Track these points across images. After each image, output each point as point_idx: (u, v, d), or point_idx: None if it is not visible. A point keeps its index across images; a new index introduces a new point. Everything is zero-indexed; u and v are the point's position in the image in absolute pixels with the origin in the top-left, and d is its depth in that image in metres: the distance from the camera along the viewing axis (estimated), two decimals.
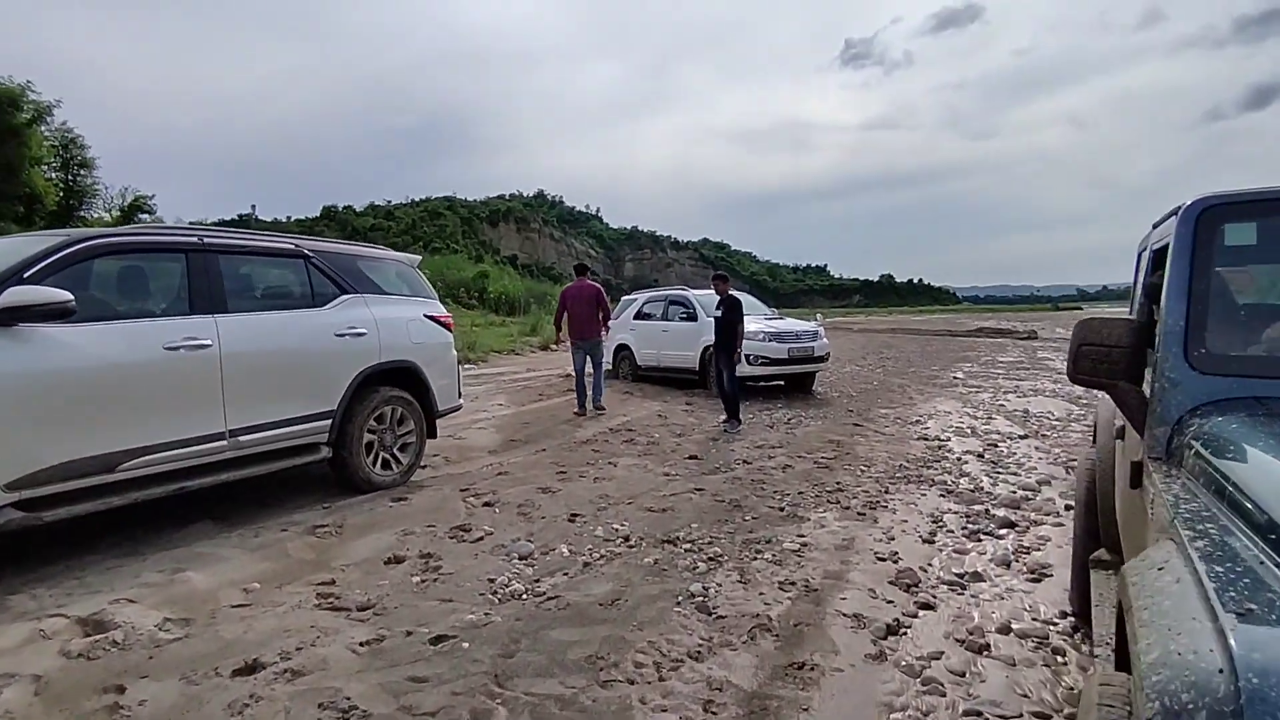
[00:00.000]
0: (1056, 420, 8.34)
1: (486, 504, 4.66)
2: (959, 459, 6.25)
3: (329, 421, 4.56)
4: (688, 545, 3.92)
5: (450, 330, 5.70)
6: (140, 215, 31.60)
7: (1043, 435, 7.41)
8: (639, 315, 12.13)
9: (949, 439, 7.18)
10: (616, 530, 4.16)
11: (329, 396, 4.55)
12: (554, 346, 20.05)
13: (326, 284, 4.70)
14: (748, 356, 9.65)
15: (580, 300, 9.09)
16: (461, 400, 5.87)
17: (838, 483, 5.35)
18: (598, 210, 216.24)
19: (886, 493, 5.11)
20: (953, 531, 4.28)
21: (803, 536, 4.10)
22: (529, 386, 11.46)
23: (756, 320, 10.43)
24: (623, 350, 12.31)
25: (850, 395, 10.53)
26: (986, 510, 4.69)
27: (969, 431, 7.60)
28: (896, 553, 3.86)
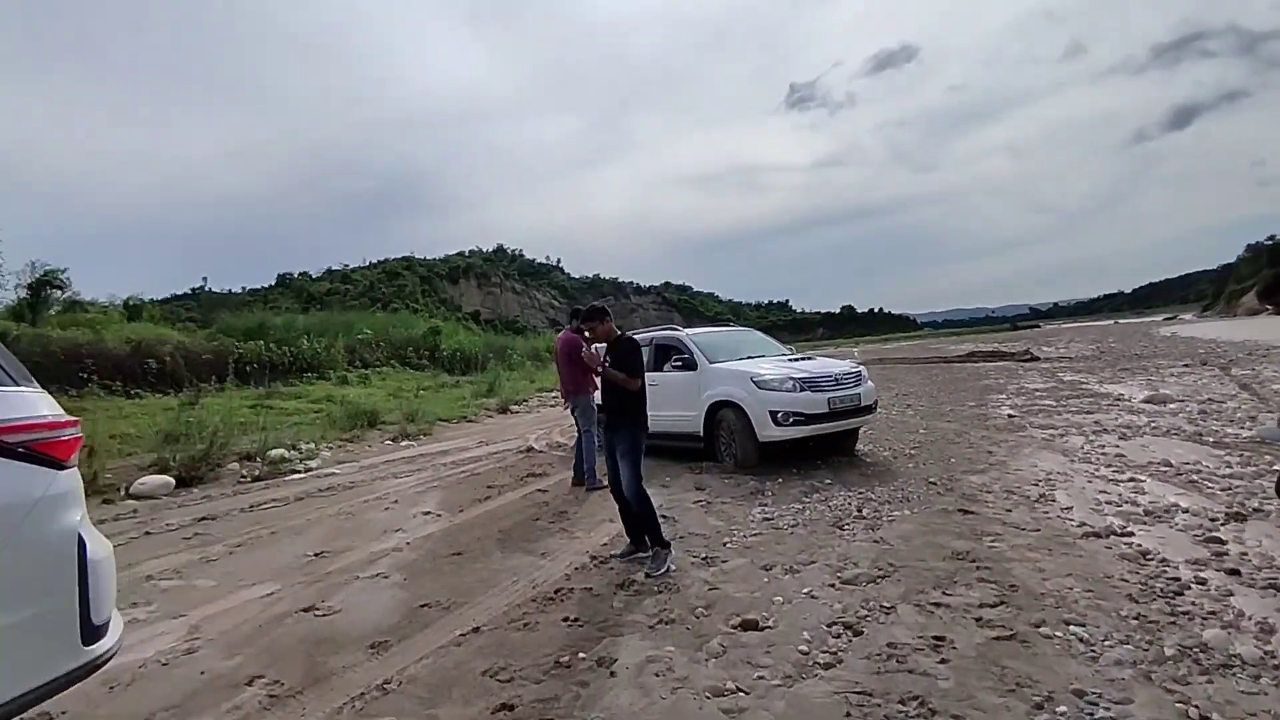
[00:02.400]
0: (1230, 477, 5.76)
1: None
2: (1206, 587, 3.55)
3: None
4: None
5: (61, 464, 2.25)
6: (50, 290, 28.40)
7: (1259, 511, 4.80)
8: None
9: (1132, 532, 4.51)
10: None
11: None
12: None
13: None
14: (775, 414, 6.95)
15: (561, 352, 7.29)
16: (108, 645, 2.23)
17: (1076, 691, 2.59)
18: (558, 261, 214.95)
19: None
20: None
21: None
22: (475, 473, 8.55)
23: (777, 363, 7.77)
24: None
25: (907, 454, 7.86)
26: None
27: (1143, 513, 4.94)
28: None
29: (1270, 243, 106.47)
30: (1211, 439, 7.59)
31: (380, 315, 29.24)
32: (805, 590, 3.79)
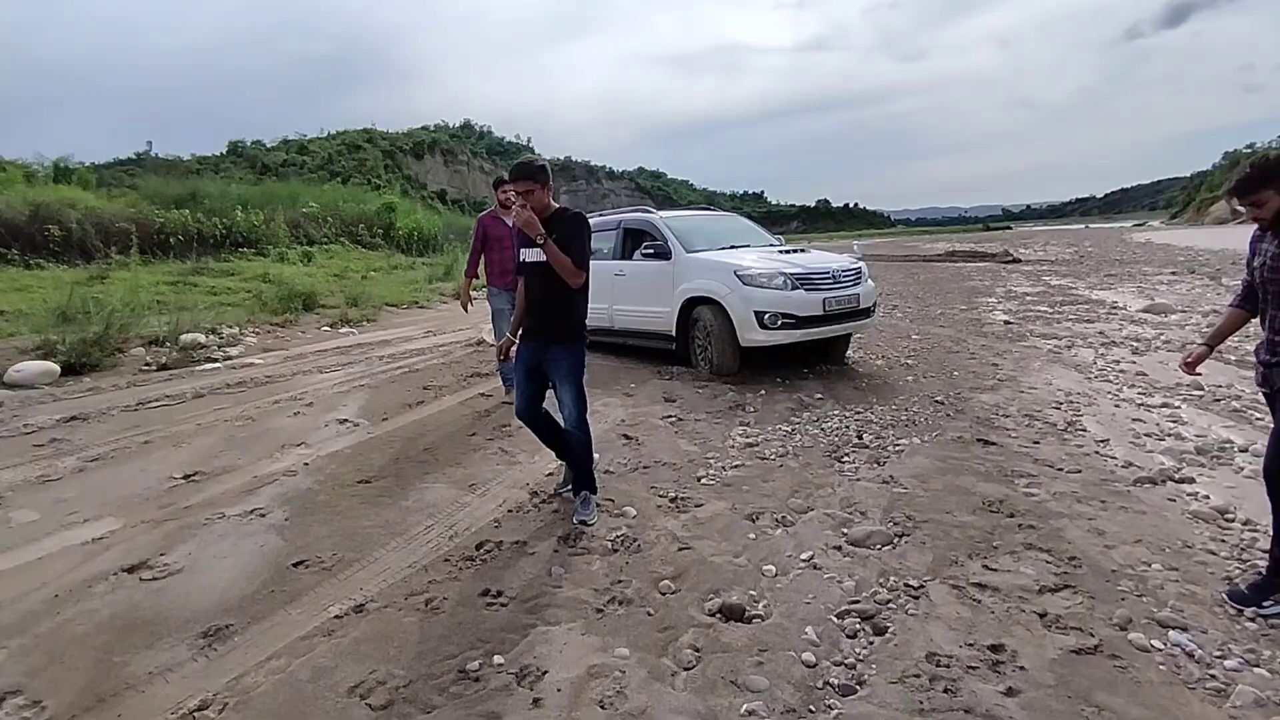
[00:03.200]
0: None
1: None
2: None
3: None
4: None
5: None
6: None
7: None
8: None
9: (1192, 478, 3.69)
10: None
11: None
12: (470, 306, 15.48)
13: None
14: (761, 315, 5.93)
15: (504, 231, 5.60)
16: None
17: None
18: (529, 140, 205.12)
19: None
20: None
21: None
22: (414, 369, 7.49)
23: (765, 255, 6.67)
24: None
25: (903, 364, 6.97)
26: None
27: (1194, 451, 4.12)
28: None
29: (1249, 150, 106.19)
30: (1234, 357, 6.82)
31: (328, 188, 26.90)
32: (804, 556, 2.89)
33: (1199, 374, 2.97)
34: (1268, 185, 2.29)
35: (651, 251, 6.91)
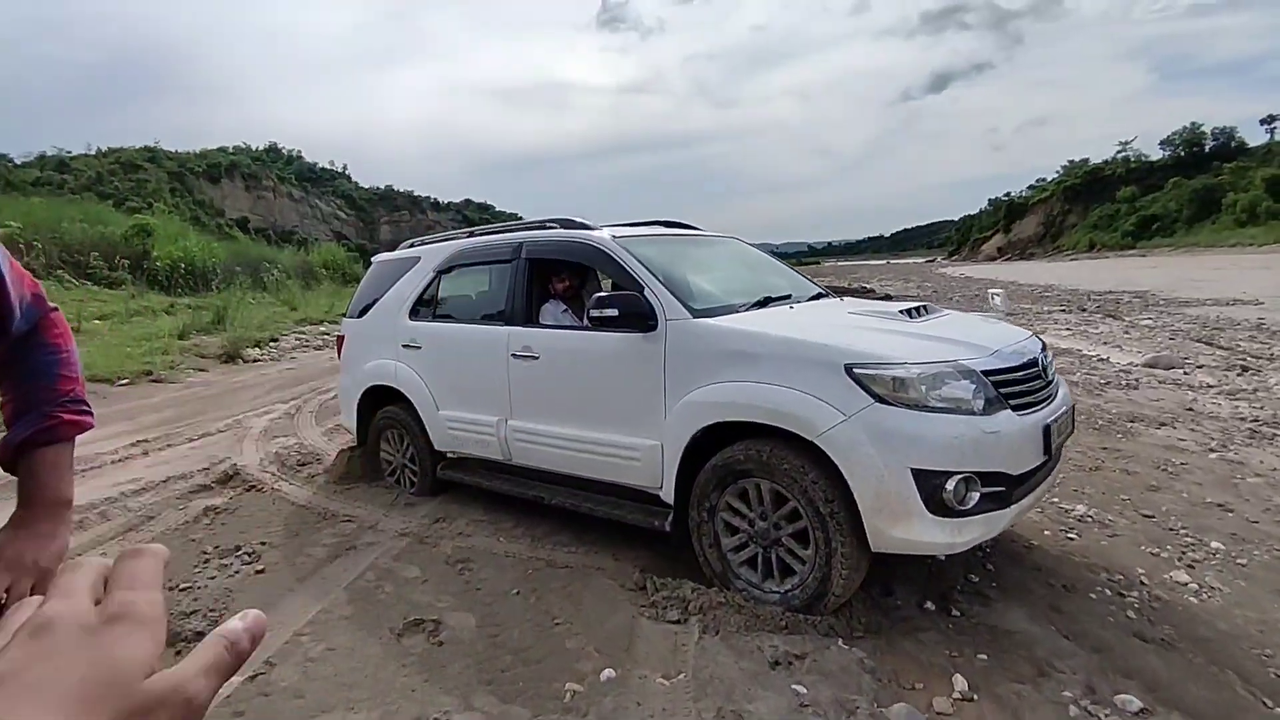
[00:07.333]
0: None
1: None
2: None
3: None
4: None
5: None
6: None
7: None
8: (425, 301, 4.20)
9: None
10: None
11: None
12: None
13: None
14: (936, 481, 2.32)
15: None
16: None
17: None
18: (344, 167, 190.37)
19: None
20: None
21: None
22: None
23: (865, 319, 3.11)
24: (384, 402, 4.31)
25: (1168, 545, 3.69)
26: None
27: None
28: None
29: (1007, 199, 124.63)
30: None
31: (39, 202, 19.65)
32: None
33: None
34: None
35: (607, 307, 3.07)
